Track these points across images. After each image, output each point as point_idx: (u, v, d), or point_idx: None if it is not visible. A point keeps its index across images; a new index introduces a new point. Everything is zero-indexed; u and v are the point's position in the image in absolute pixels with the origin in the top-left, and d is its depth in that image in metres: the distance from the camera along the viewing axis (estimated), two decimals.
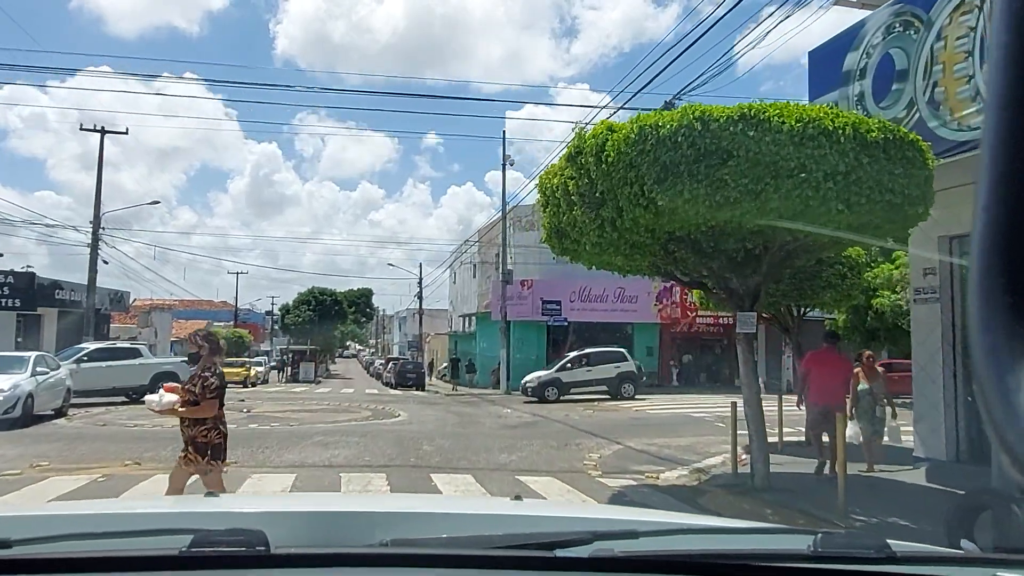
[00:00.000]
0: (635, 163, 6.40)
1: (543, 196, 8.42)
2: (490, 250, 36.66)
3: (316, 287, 56.45)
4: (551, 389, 23.07)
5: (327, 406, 20.81)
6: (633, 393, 23.03)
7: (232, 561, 1.08)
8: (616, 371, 23.24)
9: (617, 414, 19.17)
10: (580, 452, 12.02)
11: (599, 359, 23.82)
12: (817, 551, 1.14)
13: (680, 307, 30.93)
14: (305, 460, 10.19)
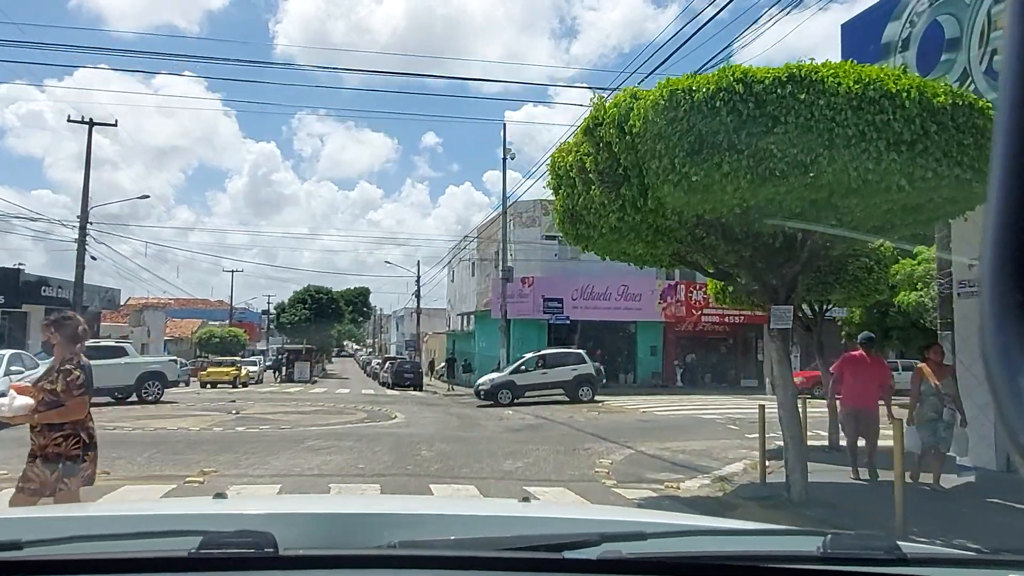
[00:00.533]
0: (664, 133, 5.59)
1: (555, 176, 7.62)
2: (489, 247, 35.87)
3: (312, 285, 55.59)
4: (504, 392, 22.02)
5: (321, 407, 19.98)
6: (591, 396, 21.95)
7: (241, 562, 1.09)
8: (573, 373, 22.22)
9: (623, 416, 18.37)
10: (590, 458, 11.22)
11: (556, 361, 22.85)
12: (827, 552, 1.12)
13: (685, 305, 30.14)
14: (292, 468, 9.36)
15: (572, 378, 22.19)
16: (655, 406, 20.87)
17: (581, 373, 22.34)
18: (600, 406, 21.12)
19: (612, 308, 30.03)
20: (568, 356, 23.11)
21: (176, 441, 11.67)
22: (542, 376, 22.37)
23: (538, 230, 31.02)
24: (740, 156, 5.33)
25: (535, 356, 24.01)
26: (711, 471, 10.12)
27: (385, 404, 21.70)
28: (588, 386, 22.32)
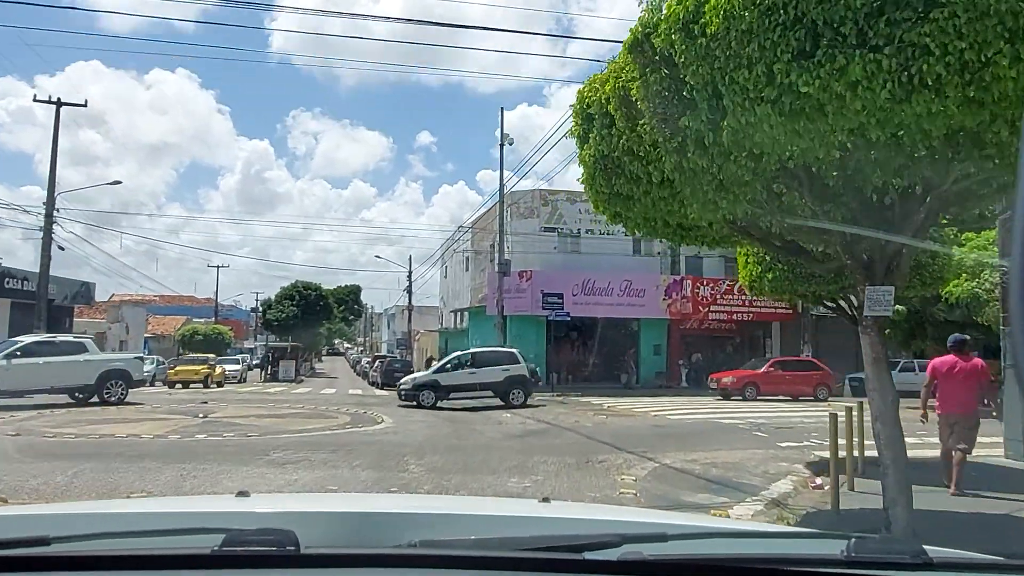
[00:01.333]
0: (759, 28, 3.88)
1: (580, 120, 5.91)
2: (484, 240, 34.14)
3: (300, 281, 53.64)
4: (427, 393, 20.03)
5: (301, 410, 18.20)
6: (524, 400, 19.94)
7: (263, 561, 1.10)
8: (504, 375, 20.19)
9: (634, 421, 16.67)
10: (608, 472, 9.52)
11: (485, 360, 20.88)
12: (851, 556, 1.11)
13: (691, 301, 28.50)
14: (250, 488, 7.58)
15: (503, 379, 20.16)
16: (665, 409, 19.19)
17: (513, 375, 20.30)
18: (608, 409, 19.41)
19: (614, 304, 28.36)
20: (500, 356, 21.22)
21: (117, 453, 9.88)
22: (470, 376, 20.29)
23: (537, 221, 29.30)
24: (877, 56, 3.63)
25: (463, 354, 22.34)
26: (757, 491, 8.43)
27: (372, 406, 19.93)
28: (520, 389, 20.20)
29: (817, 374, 23.72)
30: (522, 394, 20.28)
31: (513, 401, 20.01)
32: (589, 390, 26.94)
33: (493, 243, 32.15)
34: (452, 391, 20.24)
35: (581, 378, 29.83)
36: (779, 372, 23.69)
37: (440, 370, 21.16)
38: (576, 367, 30.07)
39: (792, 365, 24.44)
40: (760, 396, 22.70)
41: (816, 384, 23.37)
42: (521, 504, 2.34)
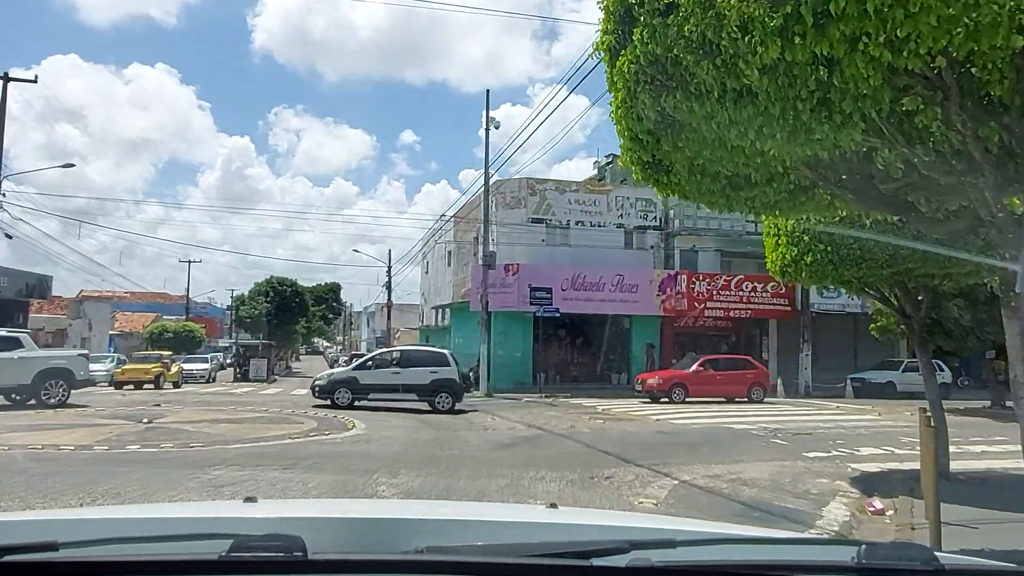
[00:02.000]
0: None
1: (614, 21, 4.25)
2: (468, 233, 32.43)
3: (275, 277, 51.59)
4: (343, 391, 18.32)
5: (264, 413, 16.38)
6: (451, 405, 18.19)
7: (270, 566, 1.10)
8: (432, 377, 18.45)
9: (636, 426, 15.07)
10: (619, 492, 7.90)
11: (412, 360, 19.14)
12: (862, 563, 1.09)
13: (686, 297, 26.99)
14: None
15: (429, 382, 18.38)
16: (667, 412, 17.62)
17: (442, 378, 18.51)
18: (604, 413, 17.80)
19: (605, 300, 26.77)
20: (429, 356, 19.61)
21: (20, 471, 8.06)
22: (393, 376, 18.55)
23: (523, 212, 27.63)
24: None
25: (388, 351, 20.50)
26: (809, 519, 6.84)
27: (345, 409, 18.13)
28: (448, 393, 18.32)
29: (752, 373, 21.99)
30: (450, 400, 18.34)
31: (439, 406, 18.12)
32: (579, 391, 25.36)
33: (477, 235, 30.46)
34: (372, 391, 18.42)
35: (569, 378, 28.24)
36: (709, 372, 21.75)
37: (361, 367, 19.32)
38: (564, 367, 28.47)
39: (725, 364, 22.61)
40: (689, 398, 20.78)
41: (751, 384, 21.61)
42: (529, 510, 2.31)
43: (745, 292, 27.32)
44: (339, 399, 18.22)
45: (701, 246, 28.49)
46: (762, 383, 21.87)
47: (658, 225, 28.80)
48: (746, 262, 29.04)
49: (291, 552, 1.09)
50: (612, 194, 28.59)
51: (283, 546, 1.10)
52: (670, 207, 28.64)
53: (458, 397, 18.80)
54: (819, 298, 27.51)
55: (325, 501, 5.31)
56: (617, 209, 28.41)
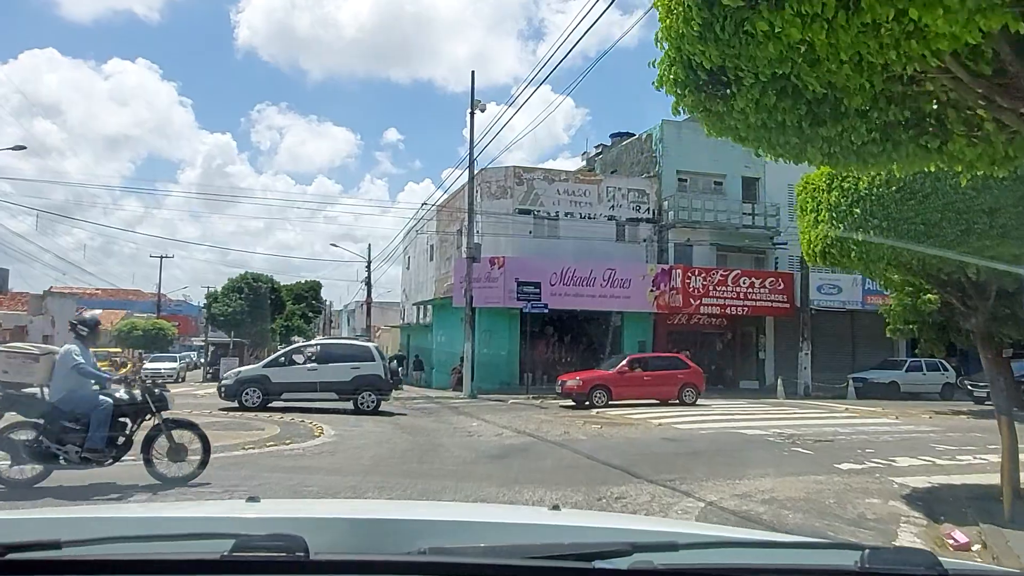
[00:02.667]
0: None
1: None
2: (451, 226, 30.89)
3: (250, 272, 49.60)
4: (252, 391, 16.59)
5: (222, 417, 14.72)
6: (375, 405, 16.62)
7: (272, 566, 1.10)
8: (353, 373, 16.77)
9: (638, 431, 13.63)
10: None
11: (331, 355, 17.41)
12: (865, 567, 1.09)
13: (682, 293, 25.63)
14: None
15: (351, 379, 16.70)
16: (668, 416, 16.21)
17: (365, 374, 16.83)
18: (599, 416, 16.34)
19: (596, 296, 25.35)
20: (351, 351, 17.81)
21: None
22: (309, 373, 16.84)
23: (510, 202, 26.14)
24: None
25: (306, 345, 18.95)
26: None
27: (316, 412, 16.54)
28: (372, 391, 16.71)
29: (683, 373, 19.92)
30: (373, 398, 16.71)
31: (363, 406, 16.53)
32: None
33: (461, 227, 28.93)
34: (285, 390, 16.73)
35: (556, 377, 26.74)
36: (636, 373, 19.70)
37: (272, 363, 17.53)
38: (552, 366, 26.98)
39: (654, 364, 20.49)
40: (613, 402, 18.64)
41: (682, 385, 19.59)
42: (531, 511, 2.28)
43: (742, 288, 26.04)
44: (248, 400, 16.45)
45: (696, 239, 27.16)
46: (695, 384, 19.76)
47: (651, 217, 27.44)
48: (742, 257, 27.80)
49: (293, 552, 1.09)
50: (603, 184, 27.19)
51: (285, 546, 1.10)
52: (664, 198, 27.30)
53: (384, 395, 17.15)
54: (819, 294, 26.30)
55: (328, 501, 5.22)
56: (608, 200, 27.01)
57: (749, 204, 27.77)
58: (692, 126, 31.06)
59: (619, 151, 31.39)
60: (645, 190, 27.43)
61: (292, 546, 1.09)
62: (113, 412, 7.16)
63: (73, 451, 6.81)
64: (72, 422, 6.87)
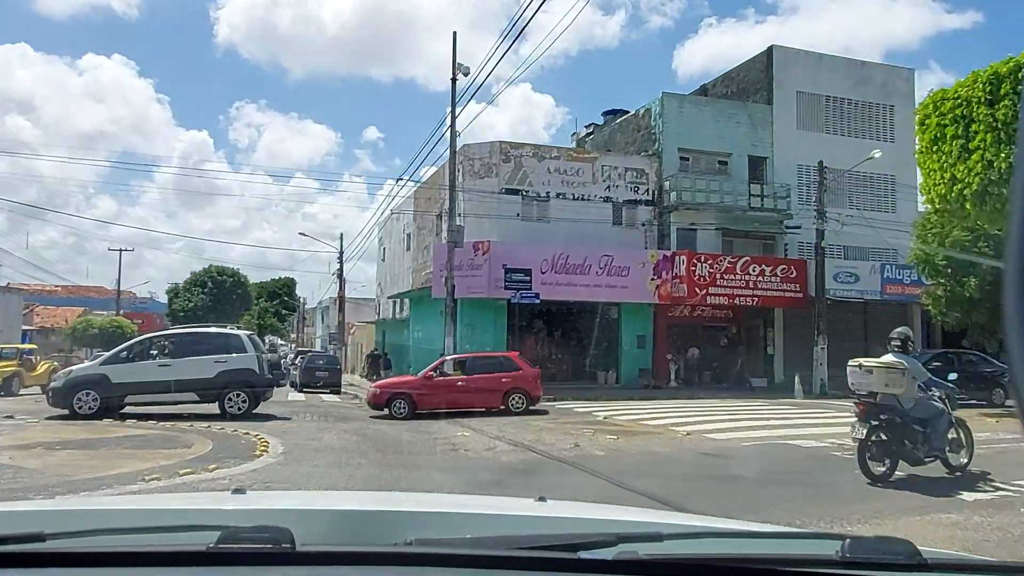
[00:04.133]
0: None
1: None
2: (430, 210, 28.14)
3: (214, 265, 46.44)
4: (86, 395, 13.40)
5: (146, 431, 11.85)
6: (248, 407, 13.72)
7: (258, 558, 1.09)
8: (218, 369, 13.64)
9: (661, 442, 11.03)
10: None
11: (188, 347, 14.16)
12: (846, 557, 1.10)
13: (686, 283, 23.13)
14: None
15: (215, 375, 13.63)
16: (686, 420, 13.65)
17: (233, 369, 13.67)
18: (608, 423, 13.71)
19: (591, 285, 22.76)
20: (215, 340, 14.52)
21: None
22: (160, 371, 13.64)
23: (495, 181, 23.44)
24: None
25: (156, 335, 15.81)
26: None
27: (267, 420, 13.76)
28: (243, 391, 13.66)
29: (511, 377, 16.07)
30: (245, 400, 13.70)
31: (232, 409, 13.63)
32: (562, 392, 21.32)
33: (441, 211, 26.22)
34: (131, 392, 13.58)
35: (547, 376, 24.08)
36: (449, 378, 16.13)
37: (113, 359, 14.14)
38: (542, 363, 24.34)
39: (478, 365, 16.64)
40: (419, 412, 15.10)
41: (508, 391, 15.74)
42: (517, 503, 2.20)
43: (752, 276, 23.61)
44: (81, 407, 13.27)
45: (701, 223, 24.68)
46: (526, 390, 15.94)
47: (651, 199, 24.92)
48: (749, 243, 25.40)
49: (279, 544, 1.08)
50: (598, 163, 24.60)
51: (271, 537, 1.08)
52: (665, 178, 24.79)
53: (259, 395, 14.11)
54: (835, 283, 23.96)
55: (313, 493, 5.11)
56: (604, 180, 24.43)
57: (757, 185, 25.38)
58: (695, 100, 28.65)
59: (612, 130, 28.84)
60: (644, 169, 24.90)
61: (278, 538, 1.08)
62: None
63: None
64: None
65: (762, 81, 26.84)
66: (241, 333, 14.93)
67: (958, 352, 19.99)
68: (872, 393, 7.71)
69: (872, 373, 7.74)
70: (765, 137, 26.00)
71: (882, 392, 7.66)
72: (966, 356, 19.74)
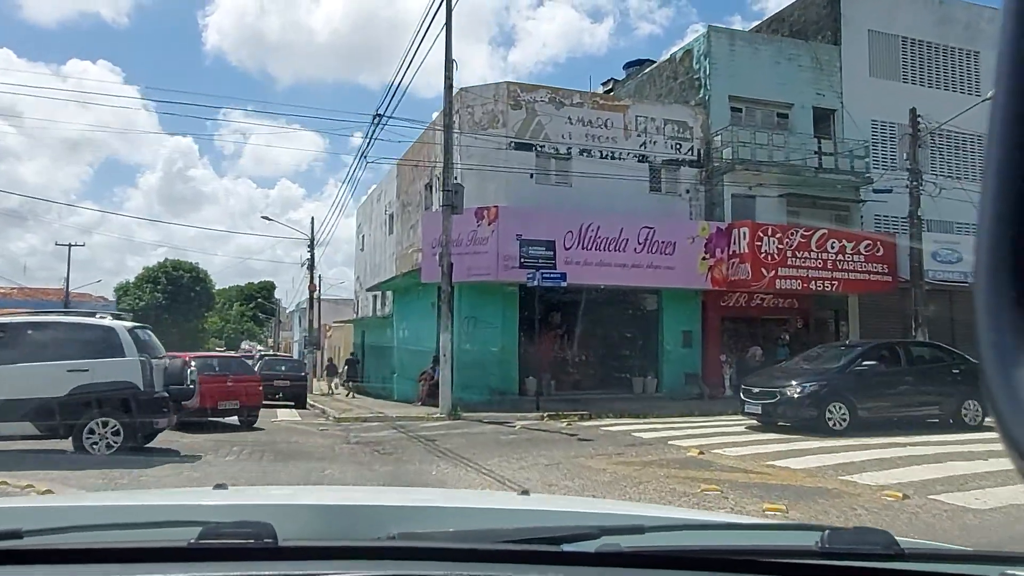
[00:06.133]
0: None
1: None
2: (416, 182, 22.89)
3: (171, 260, 40.80)
4: None
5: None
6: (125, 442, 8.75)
7: (240, 553, 1.08)
8: (74, 383, 8.62)
9: (845, 507, 5.83)
10: None
11: (25, 347, 8.83)
12: (825, 547, 1.11)
13: (750, 262, 17.97)
14: None
15: (68, 393, 8.55)
16: (856, 461, 8.45)
17: (100, 381, 8.71)
18: (707, 459, 8.42)
19: (628, 266, 17.58)
20: (69, 335, 9.16)
21: None
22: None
23: (502, 133, 18.21)
24: None
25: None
26: None
27: (156, 465, 8.47)
28: (117, 418, 8.77)
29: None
30: (118, 431, 8.64)
31: (95, 447, 8.60)
32: (592, 403, 16.20)
33: (430, 182, 20.99)
34: None
35: (569, 383, 18.97)
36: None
37: None
38: (562, 366, 19.17)
39: (230, 366, 14.49)
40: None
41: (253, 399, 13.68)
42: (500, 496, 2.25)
43: (831, 254, 18.53)
44: None
45: (760, 189, 19.58)
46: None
47: (696, 159, 19.80)
48: (817, 213, 20.28)
49: (261, 539, 1.06)
50: (630, 112, 19.42)
51: (253, 532, 1.07)
52: (714, 132, 19.69)
53: (146, 426, 9.00)
54: (934, 263, 18.95)
55: (296, 488, 4.78)
56: (638, 134, 19.29)
57: (828, 142, 20.37)
58: (749, 37, 23.39)
59: (640, 83, 23.72)
60: (687, 122, 19.79)
61: (260, 532, 1.06)
62: None
63: None
64: None
65: (825, 19, 21.83)
66: (116, 325, 9.39)
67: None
68: None
69: None
70: (833, 85, 20.97)
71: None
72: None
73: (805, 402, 11.53)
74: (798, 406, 11.56)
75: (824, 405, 11.43)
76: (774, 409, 11.76)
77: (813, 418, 11.40)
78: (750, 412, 12.24)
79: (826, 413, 11.40)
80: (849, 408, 11.46)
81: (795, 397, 11.61)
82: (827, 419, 11.37)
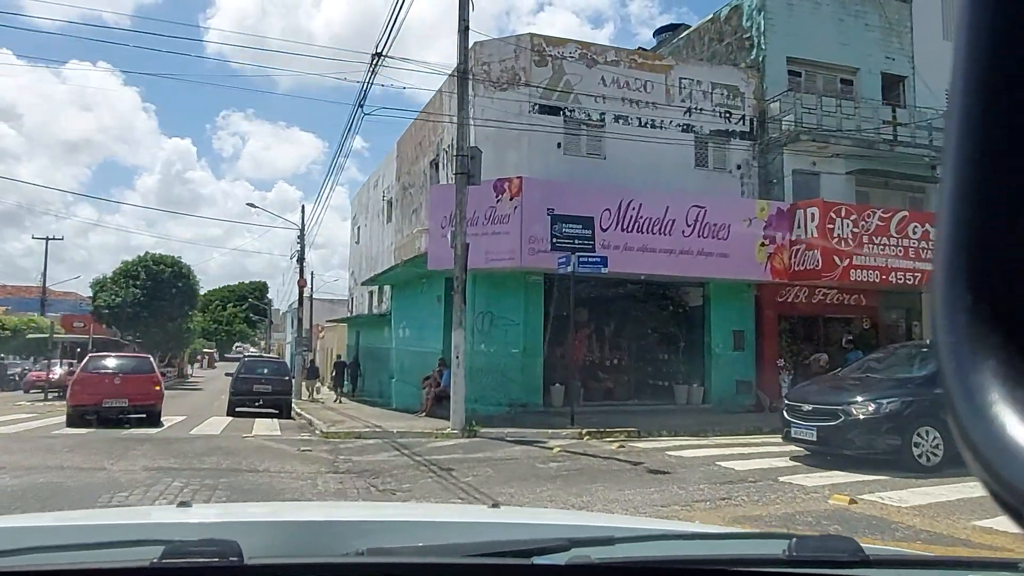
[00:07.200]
0: None
1: None
2: (418, 163, 19.99)
3: (151, 254, 37.73)
4: None
5: None
6: None
7: (205, 572, 1.05)
8: None
9: None
10: None
11: None
12: (792, 555, 1.11)
13: (820, 249, 15.08)
14: None
15: None
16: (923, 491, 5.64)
17: None
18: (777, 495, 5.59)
19: (675, 252, 14.69)
20: None
21: None
22: None
23: (525, 94, 15.30)
24: None
25: None
26: None
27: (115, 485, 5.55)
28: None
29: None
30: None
31: None
32: (630, 416, 13.33)
33: (436, 159, 18.10)
34: None
35: (601, 392, 16.06)
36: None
37: None
38: (593, 371, 16.25)
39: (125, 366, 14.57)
40: None
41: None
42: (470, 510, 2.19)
43: (913, 241, 15.67)
44: None
45: (826, 165, 16.72)
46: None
47: (749, 130, 16.94)
48: (889, 195, 17.43)
49: (227, 557, 1.03)
50: (673, 74, 16.55)
51: (218, 551, 1.03)
52: (770, 99, 16.84)
53: None
54: None
55: (262, 504, 4.76)
56: (682, 99, 16.42)
57: (902, 111, 17.54)
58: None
59: (676, 48, 20.83)
60: (738, 87, 16.94)
61: (225, 551, 1.03)
62: None
63: None
64: None
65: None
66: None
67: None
68: None
69: None
70: (904, 47, 18.16)
71: None
72: None
73: (883, 425, 8.39)
74: (872, 431, 8.41)
75: (911, 430, 8.28)
76: (835, 435, 8.58)
77: (895, 448, 8.29)
78: (798, 439, 9.08)
79: (912, 441, 8.30)
80: (942, 434, 8.21)
81: (867, 419, 8.47)
82: (913, 450, 8.30)
